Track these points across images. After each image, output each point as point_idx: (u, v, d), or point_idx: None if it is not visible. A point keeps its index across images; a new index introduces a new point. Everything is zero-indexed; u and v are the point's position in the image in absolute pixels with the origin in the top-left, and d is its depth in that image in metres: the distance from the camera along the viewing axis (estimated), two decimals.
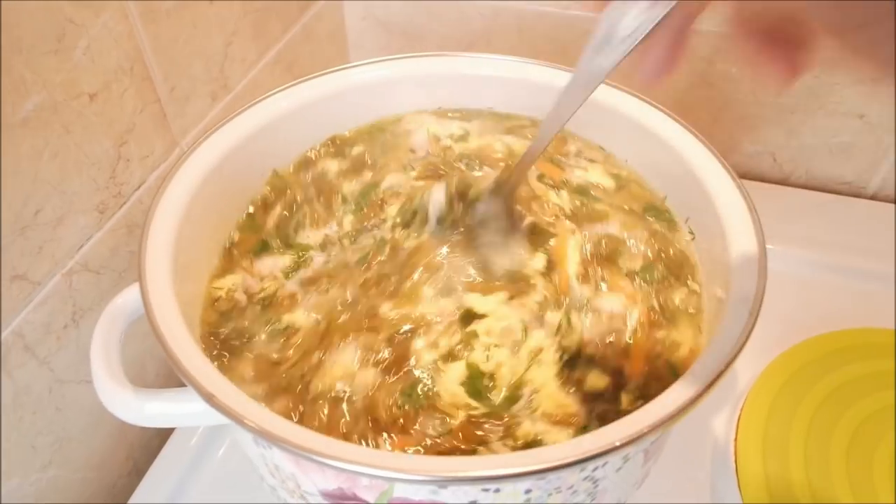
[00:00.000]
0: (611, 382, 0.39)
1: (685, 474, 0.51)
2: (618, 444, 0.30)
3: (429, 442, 0.36)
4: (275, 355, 0.41)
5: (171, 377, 0.59)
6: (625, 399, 0.38)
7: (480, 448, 0.36)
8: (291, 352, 0.41)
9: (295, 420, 0.37)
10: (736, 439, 0.51)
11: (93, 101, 0.44)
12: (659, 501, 0.49)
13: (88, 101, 0.44)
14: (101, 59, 0.45)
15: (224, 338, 0.42)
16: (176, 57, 0.52)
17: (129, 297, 0.39)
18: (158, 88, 0.50)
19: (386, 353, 0.40)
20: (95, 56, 0.44)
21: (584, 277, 0.44)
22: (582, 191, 0.50)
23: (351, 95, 0.54)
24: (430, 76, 0.56)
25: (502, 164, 0.52)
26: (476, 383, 0.39)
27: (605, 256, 0.45)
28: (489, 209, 0.45)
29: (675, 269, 0.45)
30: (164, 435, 0.54)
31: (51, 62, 0.41)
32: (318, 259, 0.46)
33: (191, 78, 0.54)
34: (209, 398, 0.32)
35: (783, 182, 0.77)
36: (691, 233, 0.47)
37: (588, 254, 0.45)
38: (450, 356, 0.40)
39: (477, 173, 0.51)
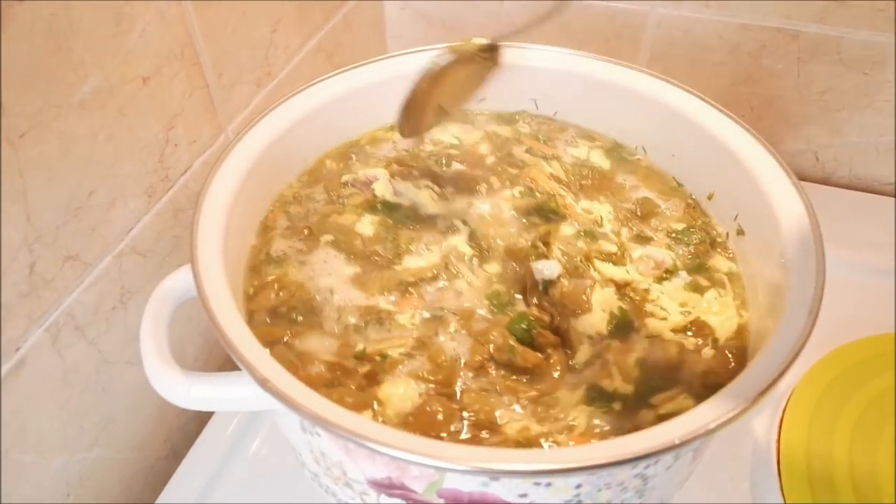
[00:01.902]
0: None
1: (725, 474, 0.50)
2: (677, 441, 0.29)
3: None
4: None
5: (210, 362, 0.59)
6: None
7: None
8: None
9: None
10: (779, 440, 0.50)
11: (146, 85, 0.45)
12: (700, 500, 0.48)
13: (142, 84, 0.44)
14: (155, 44, 0.45)
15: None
16: (224, 43, 0.52)
17: (177, 280, 0.40)
18: (207, 74, 0.51)
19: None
20: (150, 40, 0.44)
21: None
22: (577, 165, 0.52)
23: (395, 85, 0.54)
24: None
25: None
26: None
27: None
28: None
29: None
30: (201, 419, 0.55)
31: (109, 45, 0.41)
32: None
33: (238, 64, 0.54)
34: (263, 382, 0.32)
35: (824, 181, 0.76)
36: (741, 231, 0.46)
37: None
38: None
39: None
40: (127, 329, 0.48)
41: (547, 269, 0.43)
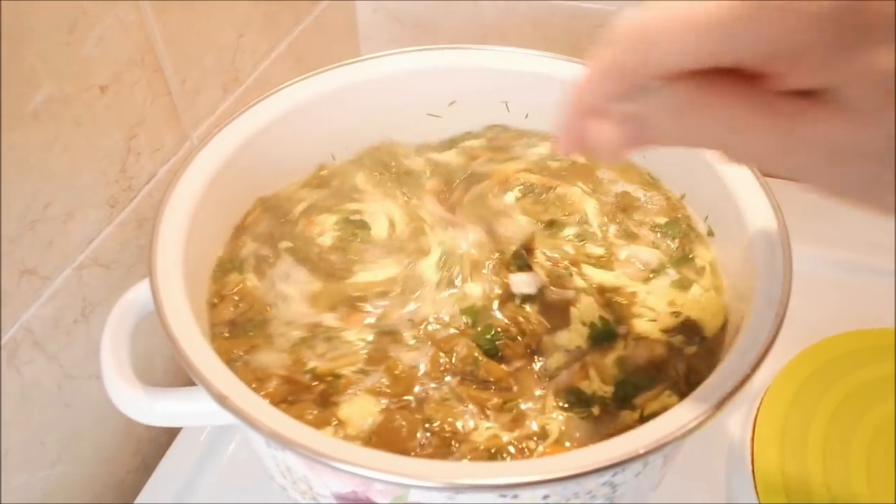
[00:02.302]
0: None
1: (700, 473, 0.50)
2: (641, 451, 0.29)
3: None
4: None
5: (180, 374, 0.58)
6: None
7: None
8: None
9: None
10: (753, 439, 0.50)
11: (104, 94, 0.44)
12: (674, 501, 0.48)
13: (99, 93, 0.43)
14: (113, 51, 0.44)
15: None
16: (187, 48, 0.51)
17: (139, 293, 0.39)
18: (169, 80, 0.50)
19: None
20: (107, 47, 0.43)
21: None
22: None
23: (365, 88, 0.53)
24: (446, 69, 0.55)
25: None
26: None
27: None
28: None
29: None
30: (172, 431, 0.54)
31: (62, 53, 0.40)
32: None
33: (202, 70, 0.53)
34: (222, 400, 0.32)
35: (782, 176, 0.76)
36: (710, 233, 0.46)
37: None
38: None
39: None
40: (90, 342, 0.47)
41: (526, 283, 0.42)
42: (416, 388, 0.38)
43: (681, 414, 0.31)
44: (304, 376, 0.38)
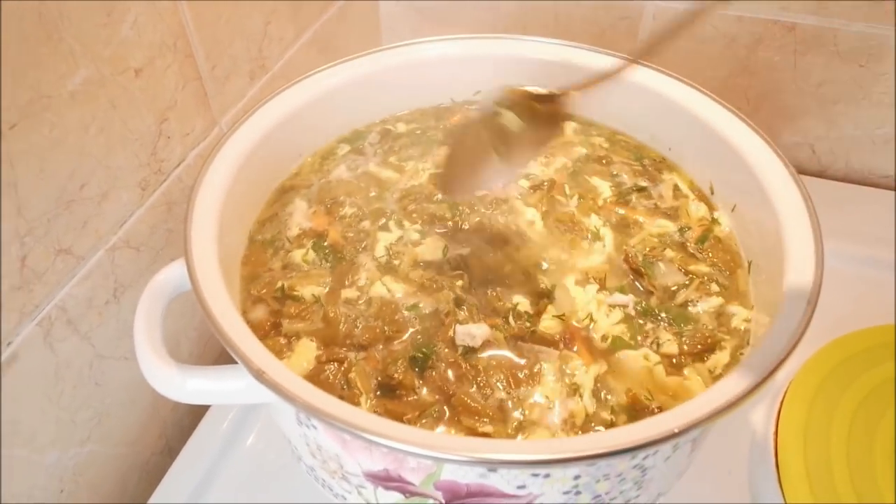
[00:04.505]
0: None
1: (724, 466, 0.50)
2: (676, 430, 0.29)
3: None
4: None
5: (204, 356, 0.59)
6: None
7: None
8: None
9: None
10: (776, 432, 0.50)
11: (138, 77, 0.44)
12: (698, 492, 0.48)
13: (134, 76, 0.44)
14: (147, 35, 0.44)
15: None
16: (218, 34, 0.51)
17: (171, 273, 0.39)
18: (200, 66, 0.50)
19: None
20: (142, 31, 0.44)
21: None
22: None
23: (390, 76, 0.54)
24: (470, 58, 0.55)
25: None
26: None
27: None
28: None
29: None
30: (196, 414, 0.54)
31: (100, 35, 0.41)
32: None
33: (231, 56, 0.53)
34: (259, 374, 0.32)
35: (820, 174, 0.76)
36: (738, 222, 0.46)
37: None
38: None
39: None
40: (120, 323, 0.48)
41: (469, 336, 0.40)
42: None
43: (712, 397, 0.31)
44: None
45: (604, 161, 0.52)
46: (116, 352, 0.48)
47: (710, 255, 0.45)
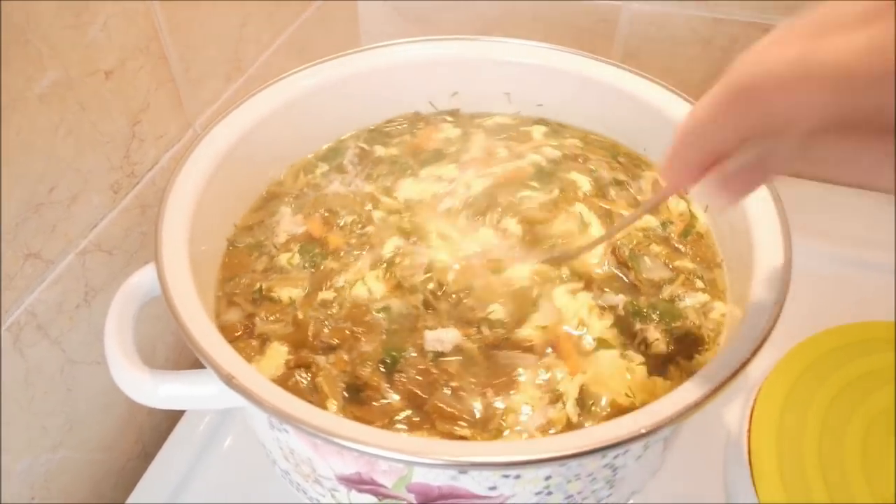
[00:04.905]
0: None
1: (698, 465, 0.51)
2: (644, 430, 0.29)
3: None
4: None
5: (181, 361, 0.59)
6: None
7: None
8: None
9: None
10: (749, 431, 0.50)
11: (108, 79, 0.44)
12: (672, 491, 0.48)
13: (104, 78, 0.43)
14: (118, 37, 0.44)
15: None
16: (191, 36, 0.51)
17: (143, 277, 0.39)
18: (173, 68, 0.50)
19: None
20: (112, 33, 0.43)
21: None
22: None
23: (367, 78, 0.54)
24: (449, 60, 0.55)
25: None
26: None
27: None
28: None
29: None
30: (173, 418, 0.54)
31: (68, 37, 0.40)
32: None
33: (206, 58, 0.53)
34: (228, 379, 0.32)
35: (797, 174, 0.76)
36: (711, 223, 0.47)
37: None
38: None
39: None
40: (92, 328, 0.47)
41: (438, 342, 0.39)
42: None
43: (681, 396, 0.32)
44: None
45: (580, 160, 0.52)
46: (88, 356, 0.48)
47: (692, 249, 0.45)
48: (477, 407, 0.37)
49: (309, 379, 0.38)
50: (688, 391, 0.31)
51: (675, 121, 0.48)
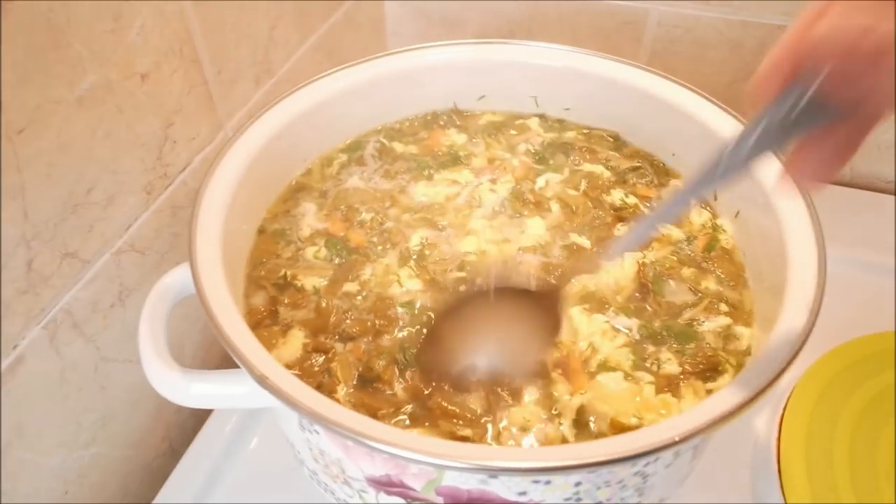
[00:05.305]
0: None
1: (726, 472, 0.50)
2: (677, 438, 0.29)
3: None
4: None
5: (208, 360, 0.59)
6: None
7: None
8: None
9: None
10: (779, 438, 0.50)
11: (144, 82, 0.45)
12: (700, 497, 0.48)
13: (140, 81, 0.44)
14: (154, 40, 0.45)
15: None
16: (223, 40, 0.52)
17: (176, 277, 0.40)
18: (206, 71, 0.50)
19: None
20: (148, 37, 0.44)
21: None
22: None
23: (394, 82, 0.54)
24: (475, 64, 0.55)
25: None
26: None
27: None
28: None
29: None
30: (200, 417, 0.55)
31: (107, 41, 0.41)
32: None
33: (237, 61, 0.54)
34: (262, 380, 0.32)
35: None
36: (741, 228, 0.46)
37: None
38: None
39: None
40: (125, 326, 0.48)
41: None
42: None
43: (714, 405, 0.31)
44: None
45: (586, 151, 0.53)
46: (121, 355, 0.48)
47: (717, 266, 0.45)
48: (478, 411, 0.37)
49: (324, 363, 0.39)
50: (722, 400, 0.31)
51: (705, 124, 0.48)
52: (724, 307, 0.43)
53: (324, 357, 0.40)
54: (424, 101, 0.56)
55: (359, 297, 0.43)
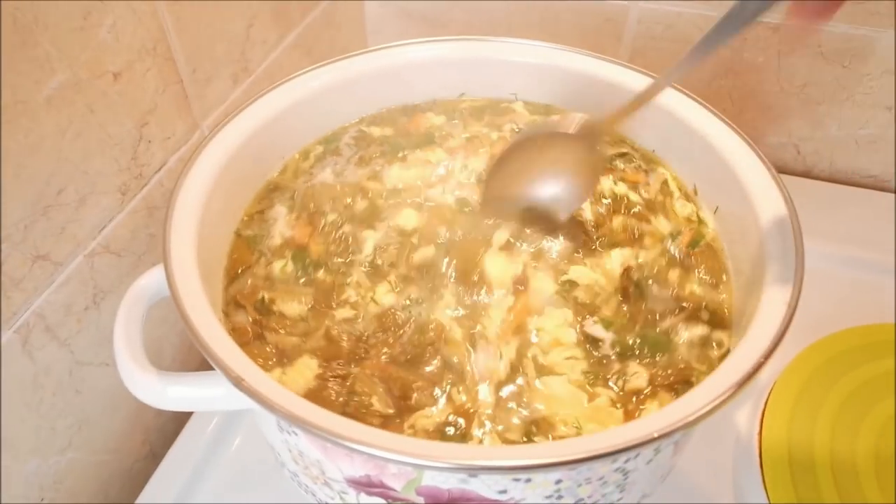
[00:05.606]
0: None
1: (708, 467, 0.50)
2: (656, 434, 0.29)
3: None
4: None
5: (188, 362, 0.59)
6: None
7: None
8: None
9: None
10: (760, 433, 0.50)
11: (116, 81, 0.44)
12: (682, 493, 0.48)
13: (112, 80, 0.43)
14: (125, 38, 0.44)
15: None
16: (198, 38, 0.51)
17: (151, 279, 0.39)
18: (181, 69, 0.50)
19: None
20: (120, 34, 0.43)
21: None
22: None
23: (374, 79, 0.54)
24: (456, 61, 0.55)
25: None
26: None
27: None
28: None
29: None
30: (180, 420, 0.54)
31: (76, 39, 0.40)
32: None
33: (212, 59, 0.53)
34: (238, 382, 0.32)
35: (805, 174, 0.76)
36: (720, 224, 0.46)
37: None
38: None
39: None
40: (100, 329, 0.47)
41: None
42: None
43: (693, 400, 0.31)
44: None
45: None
46: (97, 358, 0.48)
47: (700, 261, 0.44)
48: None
49: (345, 389, 0.38)
50: (701, 395, 0.31)
51: (686, 121, 0.48)
52: (704, 314, 0.42)
53: (344, 383, 0.38)
54: (405, 98, 0.55)
55: (359, 322, 0.41)
